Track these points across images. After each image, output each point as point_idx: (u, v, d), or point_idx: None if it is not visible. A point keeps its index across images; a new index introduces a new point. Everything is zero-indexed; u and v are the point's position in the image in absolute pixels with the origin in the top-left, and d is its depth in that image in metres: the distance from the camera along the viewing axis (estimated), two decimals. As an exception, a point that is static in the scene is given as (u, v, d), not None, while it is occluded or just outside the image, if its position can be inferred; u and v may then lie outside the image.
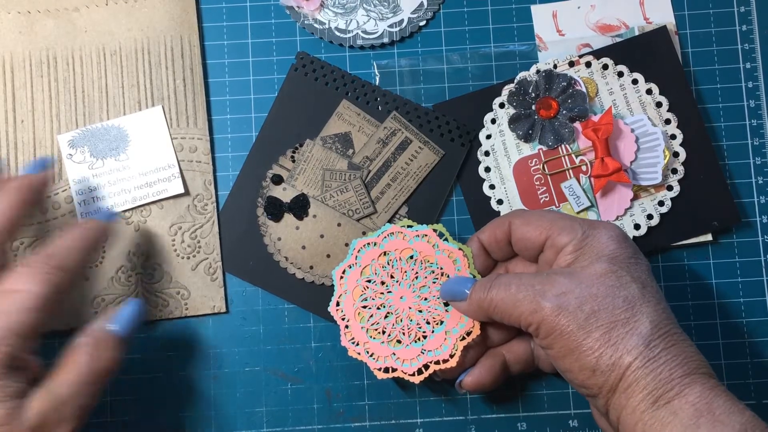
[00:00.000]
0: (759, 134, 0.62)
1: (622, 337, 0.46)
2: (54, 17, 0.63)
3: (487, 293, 0.51)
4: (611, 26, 0.63)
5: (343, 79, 0.62)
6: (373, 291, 0.56)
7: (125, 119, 0.62)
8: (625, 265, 0.49)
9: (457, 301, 0.53)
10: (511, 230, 0.54)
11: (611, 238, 0.50)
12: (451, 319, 0.55)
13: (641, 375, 0.45)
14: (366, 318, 0.56)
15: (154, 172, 0.61)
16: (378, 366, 0.55)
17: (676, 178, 0.60)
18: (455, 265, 0.56)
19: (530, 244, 0.53)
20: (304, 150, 0.61)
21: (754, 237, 0.61)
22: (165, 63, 0.62)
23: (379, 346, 0.55)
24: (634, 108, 0.61)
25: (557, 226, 0.51)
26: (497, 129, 0.62)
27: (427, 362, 0.54)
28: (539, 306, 0.48)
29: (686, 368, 0.45)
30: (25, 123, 0.62)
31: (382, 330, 0.55)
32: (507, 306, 0.49)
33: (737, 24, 0.64)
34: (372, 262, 0.56)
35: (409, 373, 0.54)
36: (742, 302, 0.61)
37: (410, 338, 0.55)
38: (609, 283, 0.47)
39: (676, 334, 0.47)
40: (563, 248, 0.50)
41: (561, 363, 0.48)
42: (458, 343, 0.54)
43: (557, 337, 0.47)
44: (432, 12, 0.64)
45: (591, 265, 0.48)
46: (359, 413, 0.60)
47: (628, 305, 0.47)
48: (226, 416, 0.60)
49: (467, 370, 0.55)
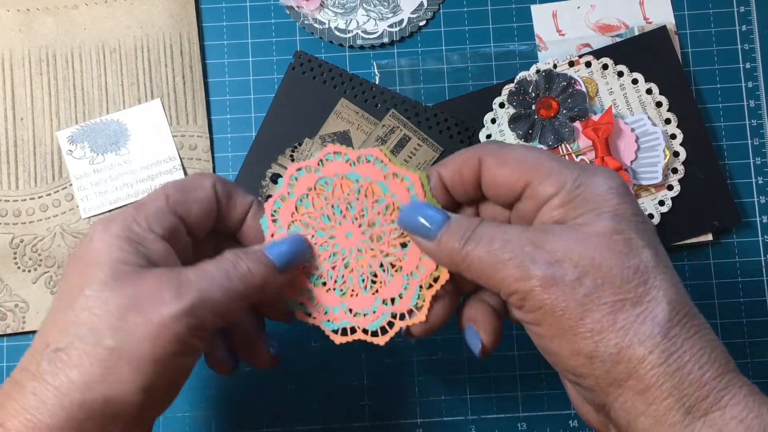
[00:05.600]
0: (759, 134, 0.62)
1: (633, 320, 0.37)
2: (53, 15, 0.63)
3: (463, 246, 0.40)
4: (611, 26, 0.63)
5: (341, 77, 0.62)
6: (311, 227, 0.45)
7: (124, 113, 0.62)
8: (633, 223, 0.39)
9: (420, 237, 0.42)
10: (482, 170, 0.43)
11: (612, 190, 0.39)
12: (409, 260, 0.44)
13: (663, 375, 0.36)
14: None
15: (156, 165, 0.61)
16: (327, 318, 0.45)
17: (677, 178, 0.60)
18: (409, 193, 0.44)
19: (504, 191, 0.42)
20: (303, 149, 0.61)
21: (754, 237, 0.61)
22: (164, 60, 0.62)
23: (325, 294, 0.45)
24: (634, 108, 0.61)
25: (541, 170, 0.40)
26: (497, 129, 0.62)
27: (388, 316, 0.45)
28: (527, 273, 0.38)
29: (717, 366, 0.37)
30: (24, 121, 0.62)
31: (326, 274, 0.45)
32: (485, 267, 0.39)
33: (737, 24, 0.64)
34: (308, 190, 0.45)
35: (371, 334, 0.45)
36: (742, 302, 0.61)
37: (361, 284, 0.45)
38: (616, 247, 0.38)
39: (696, 317, 0.38)
40: (548, 201, 0.40)
41: (548, 344, 0.39)
42: (425, 292, 0.44)
43: (546, 313, 0.38)
44: (432, 12, 0.64)
45: (591, 223, 0.39)
46: (359, 413, 0.60)
47: (640, 279, 0.37)
48: (226, 416, 0.60)
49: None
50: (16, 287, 0.60)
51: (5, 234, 0.60)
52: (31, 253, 0.60)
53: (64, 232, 0.60)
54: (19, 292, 0.60)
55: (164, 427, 0.59)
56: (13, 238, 0.60)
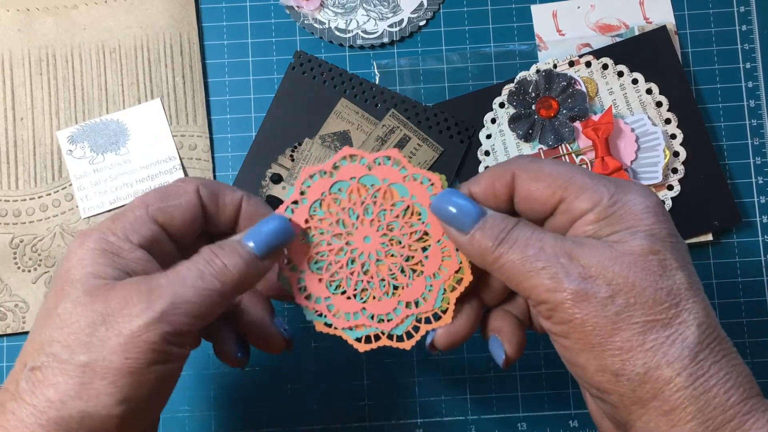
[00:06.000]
0: (759, 134, 0.62)
1: (662, 342, 0.37)
2: (53, 15, 0.63)
3: (496, 247, 0.40)
4: (611, 26, 0.63)
5: (341, 77, 0.62)
6: (327, 232, 0.44)
7: (124, 113, 0.62)
8: (668, 244, 0.39)
9: (454, 228, 0.42)
10: (515, 185, 0.42)
11: (647, 209, 0.39)
12: (431, 261, 0.43)
13: (689, 398, 0.36)
14: (324, 267, 0.44)
15: (155, 165, 0.61)
16: (348, 325, 0.44)
17: (677, 178, 0.60)
18: (429, 194, 0.43)
19: (539, 206, 0.41)
20: (303, 149, 0.61)
21: (754, 237, 0.61)
22: (164, 60, 0.62)
23: (345, 301, 0.44)
24: (634, 107, 0.61)
25: (576, 185, 0.40)
26: (497, 129, 0.62)
27: (413, 319, 0.44)
28: (560, 285, 0.38)
29: (742, 390, 0.37)
30: (24, 121, 0.62)
31: (345, 281, 0.44)
32: (517, 273, 0.39)
33: (737, 24, 0.64)
34: (323, 195, 0.44)
35: (396, 339, 0.44)
36: (743, 302, 0.61)
37: (382, 288, 0.44)
38: (651, 268, 0.38)
39: (724, 341, 0.38)
40: (582, 216, 0.40)
41: (574, 357, 0.39)
42: (449, 295, 0.43)
43: (576, 327, 0.38)
44: (432, 12, 0.64)
45: (626, 242, 0.38)
46: (359, 413, 0.60)
47: (672, 301, 0.37)
48: (226, 416, 0.60)
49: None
50: (15, 287, 0.60)
51: (5, 234, 0.60)
52: (31, 253, 0.60)
53: (64, 232, 0.60)
54: (19, 292, 0.60)
55: (164, 427, 0.59)
56: (13, 238, 0.60)
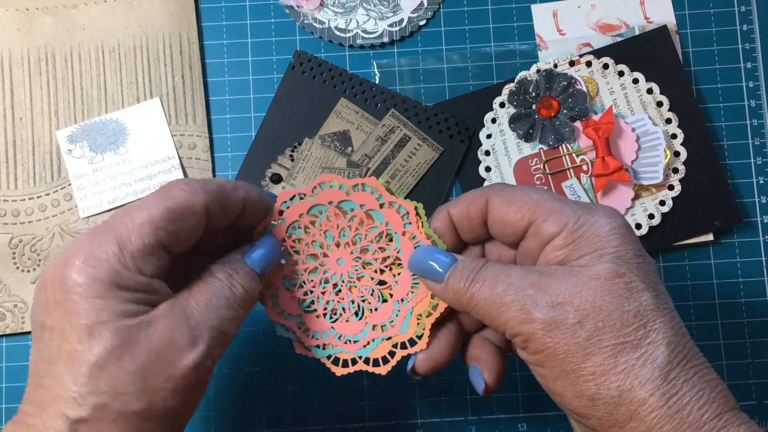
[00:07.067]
0: (760, 134, 0.62)
1: (633, 363, 0.38)
2: (52, 14, 0.63)
3: (468, 286, 0.41)
4: (612, 26, 0.63)
5: (341, 77, 0.62)
6: (303, 252, 0.46)
7: (123, 112, 0.62)
8: (634, 266, 0.40)
9: (429, 280, 0.44)
10: (489, 209, 0.44)
11: (613, 231, 0.40)
12: (400, 287, 0.45)
13: (664, 417, 0.37)
14: (296, 285, 0.46)
15: (155, 164, 0.61)
16: (315, 343, 0.46)
17: (677, 178, 0.60)
18: (404, 222, 0.45)
19: (510, 229, 0.43)
20: (303, 149, 0.61)
21: (755, 237, 0.61)
22: (164, 60, 0.62)
23: (315, 319, 0.46)
24: (634, 107, 0.61)
25: (543, 209, 0.42)
26: (497, 128, 0.61)
27: (381, 341, 0.46)
28: (529, 316, 0.39)
29: (716, 406, 0.38)
30: (23, 120, 0.62)
31: (317, 300, 0.46)
32: (490, 308, 0.41)
33: (738, 23, 0.64)
34: (300, 217, 0.46)
35: (372, 364, 0.46)
36: (743, 302, 0.61)
37: (351, 310, 0.46)
38: (617, 291, 0.39)
39: (695, 357, 0.39)
40: (551, 240, 0.42)
41: (552, 385, 0.40)
42: (424, 320, 0.45)
43: (549, 356, 0.39)
44: (432, 11, 0.64)
45: (593, 266, 0.40)
46: (359, 414, 0.60)
47: (639, 322, 0.38)
48: (226, 416, 0.59)
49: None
50: (15, 287, 0.60)
51: (4, 234, 0.60)
52: (30, 253, 0.60)
53: (63, 232, 0.60)
54: (18, 293, 0.60)
55: (164, 427, 0.59)
56: (12, 238, 0.60)
